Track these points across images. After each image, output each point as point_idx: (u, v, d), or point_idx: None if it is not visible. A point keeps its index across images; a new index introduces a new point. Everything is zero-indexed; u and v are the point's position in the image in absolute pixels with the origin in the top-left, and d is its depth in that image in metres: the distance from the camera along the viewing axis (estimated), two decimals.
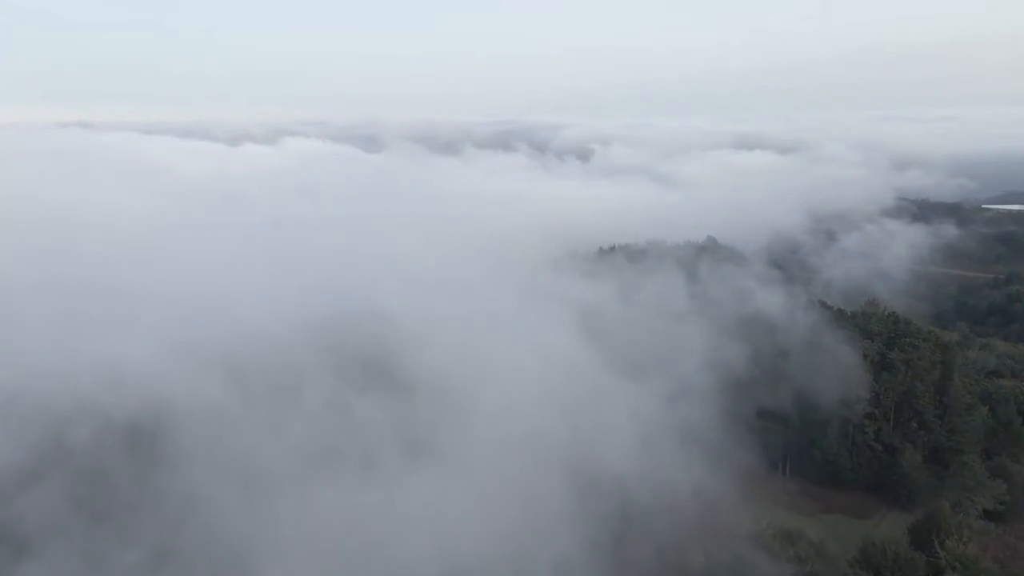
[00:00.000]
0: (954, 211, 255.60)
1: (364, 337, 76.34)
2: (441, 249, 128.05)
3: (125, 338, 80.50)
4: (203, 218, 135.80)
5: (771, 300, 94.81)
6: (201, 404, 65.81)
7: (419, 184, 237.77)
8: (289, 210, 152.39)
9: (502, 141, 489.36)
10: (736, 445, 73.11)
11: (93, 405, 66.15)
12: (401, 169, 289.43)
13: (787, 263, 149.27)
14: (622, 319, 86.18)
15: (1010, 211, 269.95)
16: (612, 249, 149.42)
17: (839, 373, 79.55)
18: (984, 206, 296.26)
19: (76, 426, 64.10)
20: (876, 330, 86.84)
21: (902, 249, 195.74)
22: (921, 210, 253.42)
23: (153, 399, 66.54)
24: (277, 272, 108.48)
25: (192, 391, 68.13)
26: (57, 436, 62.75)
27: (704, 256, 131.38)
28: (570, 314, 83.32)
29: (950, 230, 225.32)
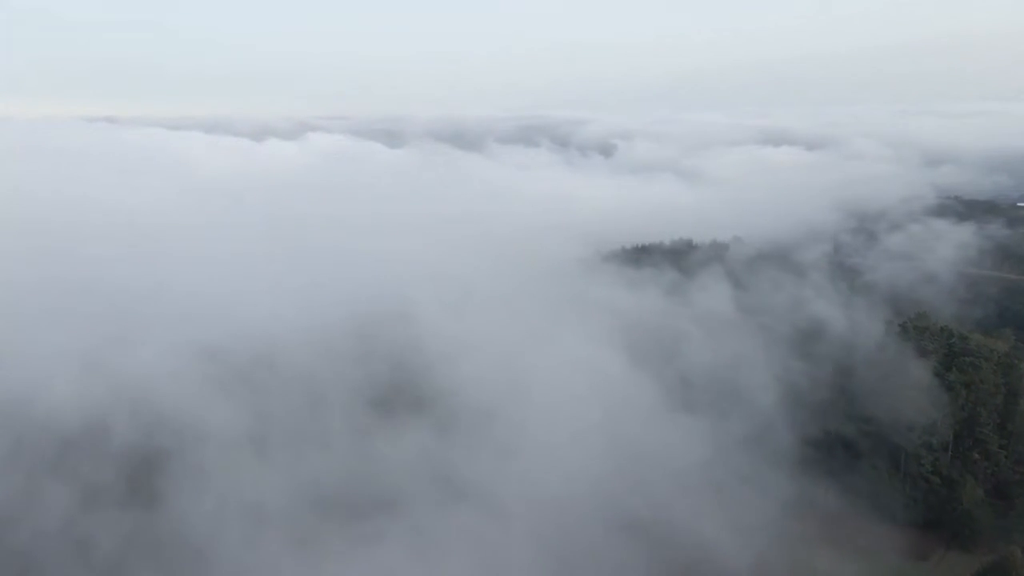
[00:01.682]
0: (990, 209, 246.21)
1: (395, 355, 72.81)
2: (471, 250, 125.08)
3: (141, 348, 77.80)
4: (234, 218, 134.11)
5: (814, 311, 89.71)
6: (212, 427, 62.21)
7: (444, 181, 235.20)
8: (318, 209, 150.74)
9: (524, 136, 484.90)
10: (777, 473, 68.43)
11: (100, 419, 63.10)
12: (425, 165, 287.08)
13: (826, 265, 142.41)
14: (661, 332, 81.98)
15: None
16: (642, 249, 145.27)
17: (891, 396, 74.48)
18: (1020, 204, 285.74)
19: (83, 443, 61.00)
20: (930, 347, 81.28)
21: (946, 250, 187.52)
22: (962, 208, 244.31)
23: (167, 418, 63.30)
24: (311, 274, 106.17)
25: (205, 411, 64.64)
26: (64, 453, 59.81)
27: (739, 258, 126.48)
28: (610, 327, 79.36)
29: (990, 229, 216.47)
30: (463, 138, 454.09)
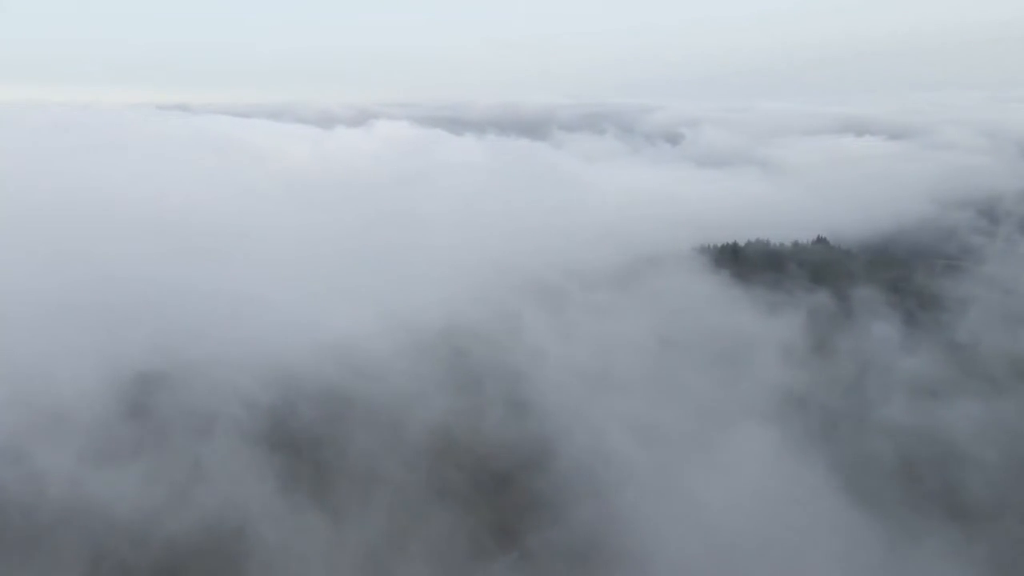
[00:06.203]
0: None
1: (501, 407, 62.89)
2: (560, 249, 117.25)
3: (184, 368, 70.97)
4: (312, 215, 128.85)
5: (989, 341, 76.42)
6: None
7: (517, 170, 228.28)
8: (394, 203, 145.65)
9: (589, 123, 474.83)
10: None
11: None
12: (494, 153, 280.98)
13: (956, 272, 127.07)
14: (838, 384, 69.42)
15: None
16: (732, 248, 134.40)
17: None
18: None
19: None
20: None
21: None
22: None
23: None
24: (390, 279, 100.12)
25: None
26: None
27: (862, 266, 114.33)
28: (776, 378, 67.53)
29: None
30: (526, 125, 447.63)
